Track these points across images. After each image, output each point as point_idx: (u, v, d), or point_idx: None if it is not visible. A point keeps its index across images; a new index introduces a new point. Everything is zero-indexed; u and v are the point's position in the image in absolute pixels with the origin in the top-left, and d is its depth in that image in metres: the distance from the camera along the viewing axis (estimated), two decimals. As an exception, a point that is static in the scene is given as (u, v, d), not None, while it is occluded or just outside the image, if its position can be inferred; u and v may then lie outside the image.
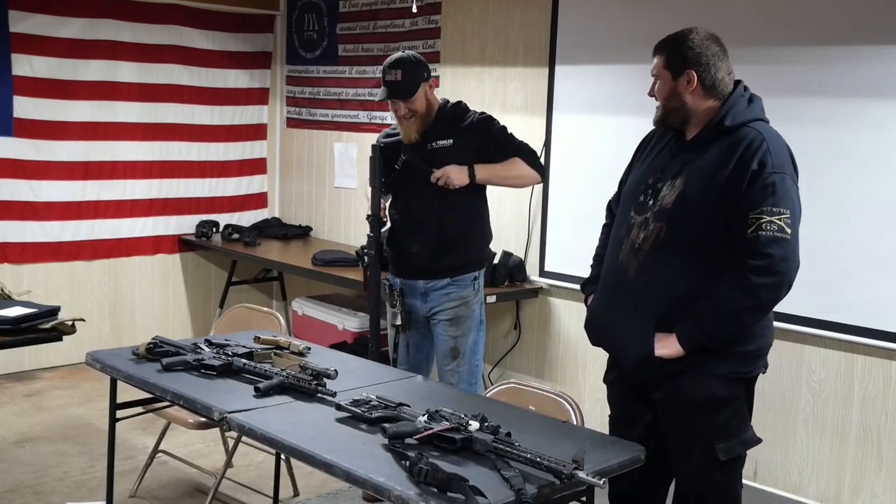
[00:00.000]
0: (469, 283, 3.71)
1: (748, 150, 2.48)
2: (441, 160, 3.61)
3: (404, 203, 3.72)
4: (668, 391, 2.61)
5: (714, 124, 2.57)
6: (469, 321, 3.71)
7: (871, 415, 3.64)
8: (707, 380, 2.55)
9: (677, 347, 2.53)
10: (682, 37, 2.61)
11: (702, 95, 2.58)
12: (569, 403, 2.76)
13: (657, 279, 2.57)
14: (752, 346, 2.59)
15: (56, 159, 5.40)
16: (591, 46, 4.44)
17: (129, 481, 3.86)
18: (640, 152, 2.84)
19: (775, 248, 2.42)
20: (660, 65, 2.63)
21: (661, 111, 2.66)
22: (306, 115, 6.22)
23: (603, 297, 2.78)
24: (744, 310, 2.48)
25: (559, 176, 4.62)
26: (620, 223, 2.74)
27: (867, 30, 3.53)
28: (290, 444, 2.35)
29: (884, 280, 3.52)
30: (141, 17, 5.64)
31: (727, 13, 3.90)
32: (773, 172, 2.46)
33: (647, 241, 2.60)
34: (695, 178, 2.54)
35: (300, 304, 5.57)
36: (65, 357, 5.45)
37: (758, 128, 2.54)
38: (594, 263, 2.94)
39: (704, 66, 2.57)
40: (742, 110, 2.57)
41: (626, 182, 2.83)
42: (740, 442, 2.60)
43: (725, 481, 2.62)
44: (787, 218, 2.44)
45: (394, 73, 3.57)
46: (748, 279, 2.45)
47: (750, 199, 2.45)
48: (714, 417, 2.57)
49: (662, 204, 2.58)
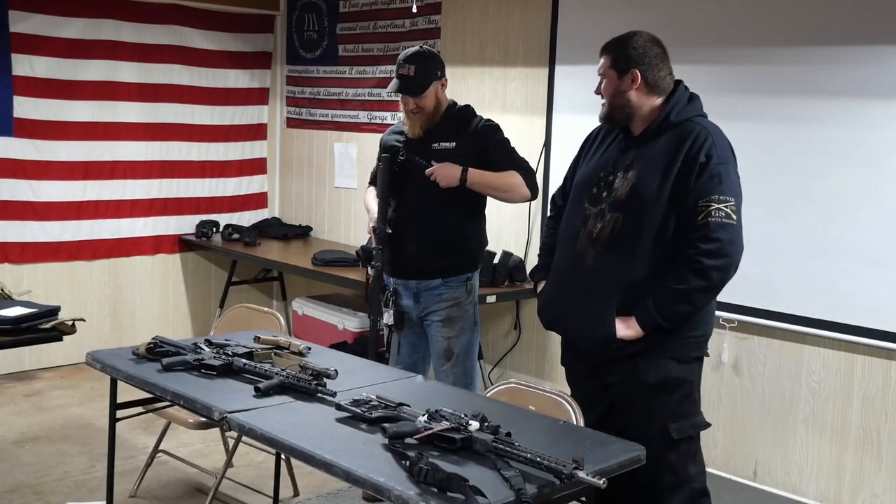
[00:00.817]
0: (461, 283, 3.70)
1: (695, 144, 2.67)
2: (441, 161, 3.61)
3: (400, 202, 3.71)
4: (624, 374, 2.77)
5: (661, 120, 2.75)
6: (462, 322, 3.71)
7: (870, 415, 3.64)
8: (662, 361, 2.73)
9: (637, 328, 2.70)
10: (626, 38, 2.81)
11: (645, 93, 2.77)
12: (569, 403, 2.76)
13: (615, 267, 2.73)
14: (698, 331, 2.78)
15: (56, 159, 5.41)
16: (591, 46, 4.40)
17: (129, 481, 3.86)
18: (586, 148, 3.03)
19: (723, 233, 2.61)
20: (606, 64, 2.82)
21: (606, 108, 2.84)
22: (306, 115, 6.22)
23: (558, 285, 2.94)
24: (696, 290, 2.64)
25: (559, 176, 4.60)
26: (574, 214, 2.89)
27: (867, 30, 3.53)
28: (290, 444, 2.35)
29: (884, 280, 3.52)
30: (141, 18, 5.64)
31: (727, 13, 3.90)
32: (718, 164, 2.64)
33: (604, 231, 2.75)
34: (646, 171, 2.71)
35: (300, 304, 5.58)
36: (65, 357, 5.46)
37: (701, 122, 2.74)
38: (543, 253, 3.12)
39: (647, 66, 2.76)
40: (684, 107, 2.76)
41: (575, 176, 2.99)
42: (691, 423, 2.78)
43: (679, 461, 2.77)
44: (733, 205, 2.63)
45: (407, 67, 3.57)
46: (699, 262, 2.62)
47: (699, 188, 2.63)
48: (668, 398, 2.75)
49: (617, 195, 2.75)
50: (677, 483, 2.77)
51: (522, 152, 4.27)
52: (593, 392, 2.88)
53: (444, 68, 3.68)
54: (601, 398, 2.86)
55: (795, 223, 3.75)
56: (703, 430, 2.84)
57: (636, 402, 2.78)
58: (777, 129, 3.78)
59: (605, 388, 2.85)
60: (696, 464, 2.82)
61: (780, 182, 3.77)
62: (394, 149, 3.73)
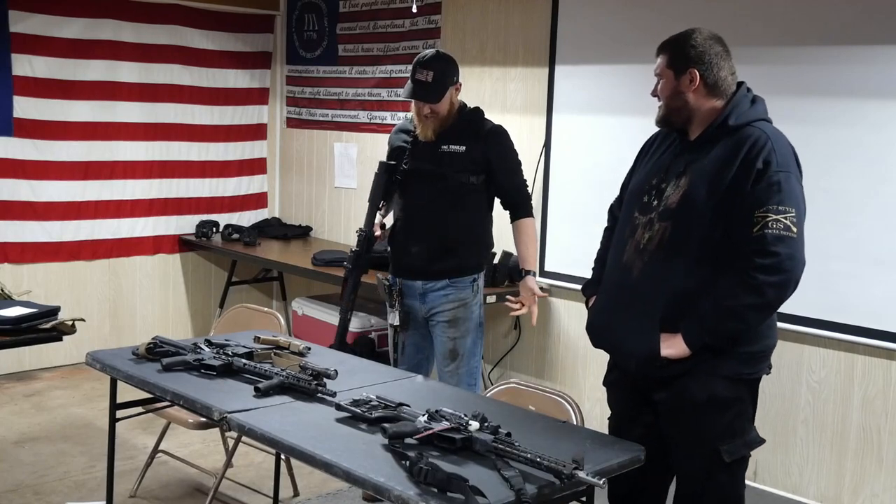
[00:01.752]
0: (468, 284, 3.71)
1: (753, 149, 2.48)
2: (450, 164, 3.62)
3: (407, 203, 3.71)
4: (671, 392, 2.59)
5: (718, 124, 2.57)
6: (468, 323, 3.71)
7: (871, 415, 3.64)
8: (711, 380, 2.54)
9: (683, 347, 2.52)
10: (685, 36, 2.61)
11: (704, 95, 2.58)
12: (569, 403, 2.76)
13: (662, 279, 2.56)
14: (756, 346, 2.57)
15: (56, 159, 5.40)
16: (591, 46, 4.44)
17: (129, 481, 3.86)
18: (642, 155, 2.83)
19: (781, 247, 2.41)
20: (663, 64, 2.63)
21: (663, 110, 2.65)
22: (306, 115, 6.22)
23: (606, 299, 2.76)
24: (749, 308, 2.46)
25: (559, 176, 4.63)
26: (624, 224, 2.72)
27: (867, 30, 3.53)
28: (290, 444, 2.35)
29: (884, 280, 3.52)
30: (141, 17, 5.64)
31: (727, 13, 3.90)
32: (778, 171, 2.45)
33: (651, 241, 2.58)
34: (699, 178, 2.53)
35: (300, 304, 5.57)
36: (65, 357, 5.46)
37: (762, 127, 2.54)
38: (595, 266, 2.93)
39: (707, 66, 2.57)
40: (746, 110, 2.57)
41: (630, 184, 2.82)
42: (744, 443, 2.59)
43: (729, 482, 2.61)
44: (793, 216, 2.43)
45: (425, 73, 3.54)
46: (754, 277, 2.43)
47: (755, 197, 2.44)
48: (718, 418, 2.55)
49: (667, 204, 2.57)
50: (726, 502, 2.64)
51: (522, 152, 4.28)
52: (635, 409, 2.71)
53: (459, 72, 3.67)
54: (643, 415, 2.69)
55: (795, 223, 3.74)
56: (756, 447, 2.64)
57: (683, 423, 2.60)
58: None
59: (648, 404, 2.67)
60: (743, 483, 2.68)
61: (780, 182, 3.76)
62: (398, 153, 3.72)
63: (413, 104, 3.65)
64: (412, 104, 3.66)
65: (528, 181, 4.66)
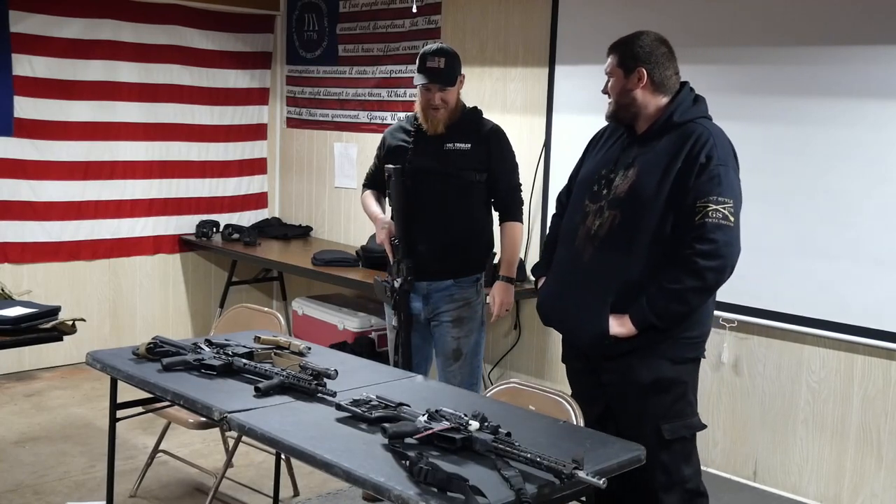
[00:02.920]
0: (472, 283, 3.71)
1: (696, 145, 2.67)
2: (457, 162, 3.61)
3: (413, 201, 3.66)
4: (618, 373, 2.78)
5: (664, 119, 2.75)
6: (472, 322, 3.71)
7: (870, 415, 3.64)
8: (656, 362, 2.74)
9: (630, 326, 2.70)
10: (633, 38, 2.81)
11: (651, 92, 2.77)
12: (569, 403, 2.76)
13: (612, 264, 2.74)
14: (695, 332, 2.78)
15: (56, 159, 5.40)
16: (591, 46, 4.43)
17: (129, 481, 3.86)
18: (591, 147, 3.03)
19: (720, 234, 2.60)
20: (613, 63, 2.82)
21: (613, 106, 2.84)
22: (306, 115, 6.22)
23: (557, 280, 2.95)
24: (690, 290, 2.65)
25: (559, 176, 4.61)
26: (574, 211, 2.90)
27: (867, 30, 3.53)
28: (290, 444, 2.35)
29: (884, 280, 3.52)
30: (141, 18, 5.64)
31: (727, 13, 3.90)
32: (718, 165, 2.64)
33: (602, 228, 2.77)
34: (647, 169, 2.72)
35: (300, 304, 5.58)
36: (65, 357, 5.45)
37: (704, 124, 2.73)
38: (545, 250, 3.14)
39: (654, 65, 2.76)
40: (689, 107, 2.77)
41: (579, 174, 3.00)
42: (685, 425, 2.78)
43: (672, 461, 2.77)
44: (731, 207, 2.62)
45: (437, 60, 3.57)
46: (695, 262, 2.62)
47: (698, 189, 2.63)
48: (661, 398, 2.75)
49: (616, 193, 2.76)
50: (670, 483, 2.77)
51: (522, 152, 4.29)
52: (592, 390, 2.89)
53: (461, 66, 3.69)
54: (599, 397, 2.87)
55: (795, 223, 3.75)
56: (697, 431, 2.84)
57: (630, 402, 2.79)
58: (777, 129, 3.78)
59: (602, 386, 2.86)
60: (690, 464, 2.82)
61: (780, 182, 3.77)
62: (397, 153, 3.70)
63: (421, 96, 3.62)
64: (419, 97, 3.64)
65: (528, 181, 4.68)
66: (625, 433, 2.63)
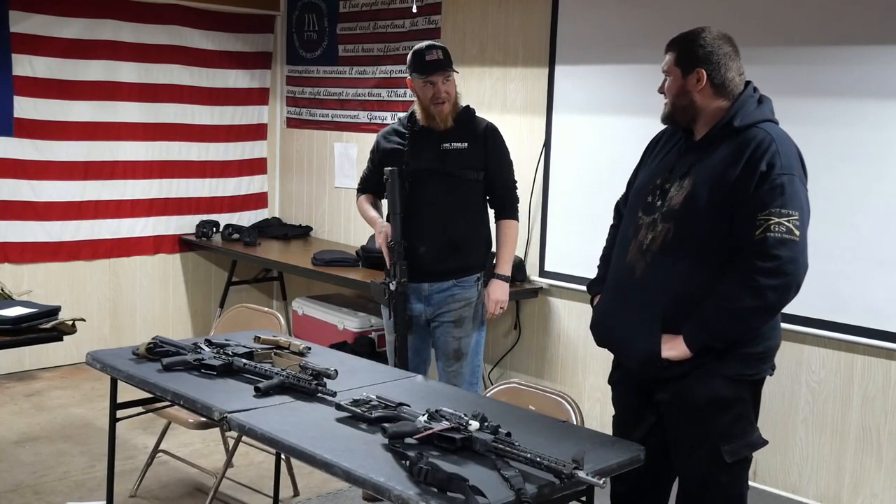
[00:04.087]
0: (472, 283, 3.71)
1: (757, 151, 2.46)
2: (456, 161, 3.62)
3: (410, 205, 3.66)
4: (673, 392, 2.59)
5: (723, 124, 2.56)
6: (472, 322, 3.71)
7: (870, 415, 3.64)
8: (713, 381, 2.53)
9: (684, 349, 2.51)
10: (694, 35, 2.61)
11: (711, 94, 2.57)
12: (569, 403, 2.76)
13: (664, 280, 2.56)
14: (759, 347, 2.57)
15: (56, 159, 5.40)
16: (591, 46, 4.44)
17: (129, 481, 3.86)
18: (648, 153, 2.83)
19: (783, 250, 2.40)
20: (670, 62, 2.62)
21: (669, 108, 2.65)
22: (306, 115, 6.22)
23: (610, 298, 2.77)
24: (750, 310, 2.46)
25: (559, 176, 4.62)
26: (628, 224, 2.72)
27: (867, 30, 3.53)
28: (290, 444, 2.35)
29: (884, 280, 3.52)
30: (141, 18, 5.64)
31: (727, 13, 3.90)
32: (781, 174, 2.43)
33: (654, 242, 2.58)
34: (703, 179, 2.52)
35: (300, 304, 5.58)
36: (65, 357, 5.46)
37: (767, 129, 2.52)
38: (601, 264, 2.94)
39: (715, 65, 2.56)
40: (751, 111, 2.56)
41: (635, 182, 2.82)
42: (746, 444, 2.58)
43: (730, 483, 2.60)
44: (796, 220, 2.41)
45: (435, 52, 3.61)
46: (755, 280, 2.42)
47: (758, 200, 2.43)
48: (720, 419, 2.55)
49: (671, 205, 2.57)
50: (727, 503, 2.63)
51: (522, 152, 4.28)
52: (638, 410, 2.71)
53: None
54: (646, 417, 2.69)
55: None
56: (758, 448, 2.63)
57: (685, 423, 2.60)
58: (777, 129, 3.77)
59: (651, 406, 2.67)
60: (745, 483, 2.66)
61: (780, 182, 3.76)
62: (392, 156, 3.69)
63: (425, 93, 3.61)
64: (421, 96, 3.63)
65: (528, 181, 4.68)
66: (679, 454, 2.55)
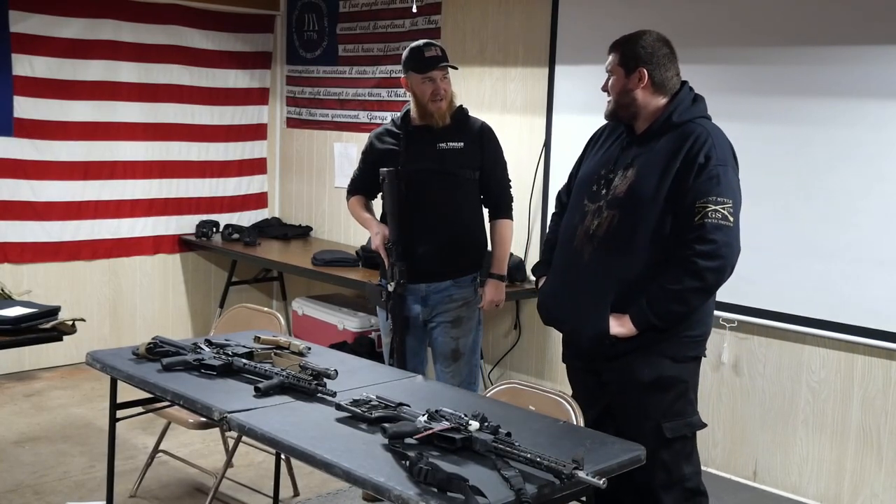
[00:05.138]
0: (469, 283, 3.71)
1: (695, 145, 2.67)
2: (453, 161, 3.61)
3: (407, 204, 3.64)
4: (619, 372, 2.78)
5: (662, 120, 2.75)
6: (469, 322, 3.71)
7: (870, 415, 3.64)
8: (657, 360, 2.74)
9: (630, 326, 2.70)
10: (636, 37, 2.81)
11: (651, 92, 2.77)
12: (569, 403, 2.76)
13: (610, 264, 2.74)
14: (696, 331, 2.78)
15: (56, 159, 5.40)
16: (591, 46, 4.43)
17: (129, 481, 3.86)
18: (591, 146, 3.03)
19: (719, 235, 2.60)
20: (614, 61, 2.82)
21: (612, 105, 2.84)
22: (306, 115, 6.22)
23: (556, 280, 2.96)
24: (690, 291, 2.65)
25: (559, 176, 4.61)
26: (574, 210, 2.90)
27: (867, 30, 3.53)
28: (290, 444, 2.35)
29: (884, 280, 3.52)
30: (141, 18, 5.63)
31: (727, 13, 3.90)
32: (717, 165, 2.64)
33: (600, 228, 2.76)
34: (645, 169, 2.72)
35: (300, 304, 5.58)
36: (65, 357, 5.46)
37: (703, 124, 2.74)
38: (545, 249, 3.14)
39: (655, 65, 2.76)
40: (688, 107, 2.77)
41: (578, 173, 3.00)
42: (686, 423, 2.78)
43: (672, 460, 2.77)
44: (730, 207, 2.62)
45: (433, 49, 3.63)
46: (694, 263, 2.62)
47: (697, 189, 2.63)
48: (662, 397, 2.75)
49: (615, 193, 2.75)
50: (670, 482, 2.78)
51: (522, 152, 4.28)
52: (592, 390, 2.90)
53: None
54: (599, 397, 2.87)
55: (795, 223, 3.75)
56: (698, 429, 2.85)
57: (631, 401, 2.79)
58: (777, 129, 3.78)
59: (602, 385, 2.86)
60: (690, 463, 2.83)
61: (780, 182, 3.77)
62: (391, 156, 3.67)
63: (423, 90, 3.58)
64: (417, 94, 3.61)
65: (528, 181, 4.68)
66: (625, 432, 2.63)
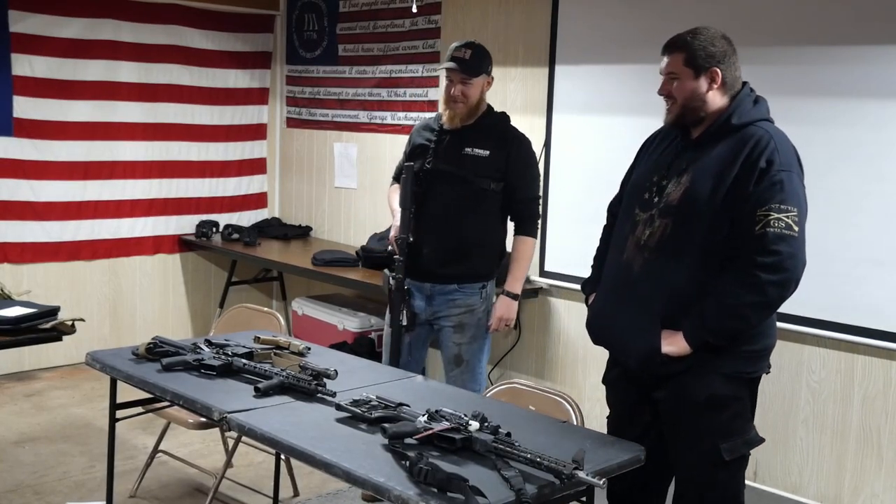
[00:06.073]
0: (476, 291, 3.67)
1: (756, 149, 2.48)
2: (473, 167, 3.58)
3: (422, 205, 3.63)
4: (671, 390, 2.59)
5: (721, 123, 2.56)
6: (474, 329, 3.68)
7: (871, 415, 3.64)
8: (711, 378, 2.54)
9: (684, 345, 2.52)
10: (699, 34, 2.60)
11: (721, 94, 2.59)
12: (569, 403, 2.76)
13: (662, 276, 2.55)
14: (756, 345, 2.58)
15: (56, 159, 5.40)
16: (591, 46, 4.44)
17: (129, 481, 3.86)
18: (643, 152, 2.83)
19: (783, 245, 2.41)
20: (678, 63, 2.59)
21: (678, 110, 2.62)
22: (306, 115, 6.22)
23: (606, 296, 2.76)
24: (749, 306, 2.46)
25: (559, 176, 4.62)
26: (624, 220, 2.72)
27: (867, 30, 3.53)
28: (290, 444, 2.35)
29: (884, 280, 3.52)
30: (141, 17, 5.64)
31: (727, 13, 3.90)
32: (780, 170, 2.45)
33: (652, 238, 2.58)
34: (701, 176, 2.53)
35: (300, 304, 5.58)
36: (65, 357, 5.46)
37: (764, 127, 2.54)
38: (594, 264, 2.94)
39: (727, 64, 2.57)
40: (749, 109, 2.57)
41: (630, 181, 2.82)
42: (744, 442, 2.59)
43: (728, 481, 2.62)
44: (795, 216, 2.43)
45: (464, 51, 3.59)
46: (755, 276, 2.43)
47: (758, 196, 2.44)
48: (717, 416, 2.55)
49: (668, 200, 2.57)
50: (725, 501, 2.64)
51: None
52: (635, 408, 2.72)
53: (492, 68, 3.68)
54: (642, 414, 2.70)
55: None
56: (756, 446, 2.65)
57: (682, 421, 2.60)
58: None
59: (647, 403, 2.67)
60: (742, 482, 2.68)
61: (780, 182, 3.76)
62: (419, 151, 3.67)
63: (444, 89, 3.61)
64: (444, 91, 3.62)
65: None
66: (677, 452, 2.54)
